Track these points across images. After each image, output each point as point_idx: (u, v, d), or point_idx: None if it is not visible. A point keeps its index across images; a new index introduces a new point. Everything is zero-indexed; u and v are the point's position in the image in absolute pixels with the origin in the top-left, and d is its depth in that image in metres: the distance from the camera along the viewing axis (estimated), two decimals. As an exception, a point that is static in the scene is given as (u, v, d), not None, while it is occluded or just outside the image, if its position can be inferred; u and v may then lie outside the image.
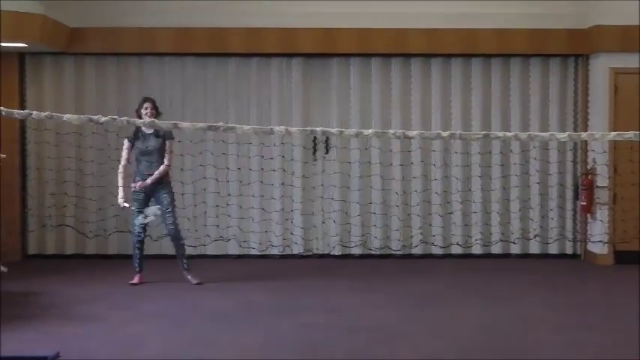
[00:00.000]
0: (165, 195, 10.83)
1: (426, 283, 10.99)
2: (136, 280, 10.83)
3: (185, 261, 10.96)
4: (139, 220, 10.76)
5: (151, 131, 10.71)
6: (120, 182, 10.82)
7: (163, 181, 10.84)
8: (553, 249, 13.04)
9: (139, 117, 10.64)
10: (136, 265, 10.91)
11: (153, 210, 10.76)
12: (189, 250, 12.75)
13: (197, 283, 10.78)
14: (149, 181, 10.69)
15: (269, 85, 13.00)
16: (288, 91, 12.99)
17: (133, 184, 10.77)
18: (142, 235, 10.89)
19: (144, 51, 12.67)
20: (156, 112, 10.81)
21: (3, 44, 11.61)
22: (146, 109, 10.73)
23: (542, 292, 10.37)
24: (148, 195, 10.84)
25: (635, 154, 11.85)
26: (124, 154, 10.86)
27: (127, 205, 10.72)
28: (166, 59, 12.94)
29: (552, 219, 13.00)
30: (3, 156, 6.95)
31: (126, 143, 10.84)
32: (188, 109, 12.84)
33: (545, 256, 13.00)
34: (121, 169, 10.89)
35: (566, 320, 8.90)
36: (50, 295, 10.10)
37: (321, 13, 12.42)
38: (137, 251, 10.90)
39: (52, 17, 11.66)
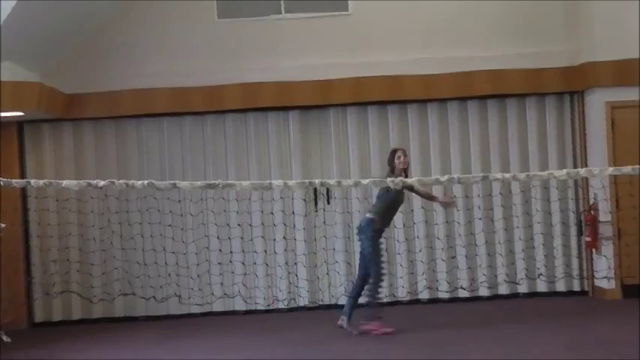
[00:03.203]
0: None
1: (435, 329, 10.89)
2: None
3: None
4: None
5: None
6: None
7: None
8: (560, 287, 12.98)
9: (392, 169, 10.62)
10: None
11: None
12: (194, 309, 12.70)
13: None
14: None
15: (267, 140, 13.03)
16: (286, 144, 13.02)
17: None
18: None
19: (141, 112, 12.68)
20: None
21: (1, 114, 11.66)
22: (399, 157, 10.64)
23: (552, 331, 10.28)
24: None
25: (635, 188, 11.88)
26: None
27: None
28: (164, 120, 12.98)
29: (557, 257, 12.97)
30: (3, 225, 6.93)
31: None
32: (188, 167, 12.88)
33: (553, 294, 12.93)
34: None
35: (578, 356, 8.81)
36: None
37: (316, 65, 12.50)
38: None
39: (48, 85, 11.73)
